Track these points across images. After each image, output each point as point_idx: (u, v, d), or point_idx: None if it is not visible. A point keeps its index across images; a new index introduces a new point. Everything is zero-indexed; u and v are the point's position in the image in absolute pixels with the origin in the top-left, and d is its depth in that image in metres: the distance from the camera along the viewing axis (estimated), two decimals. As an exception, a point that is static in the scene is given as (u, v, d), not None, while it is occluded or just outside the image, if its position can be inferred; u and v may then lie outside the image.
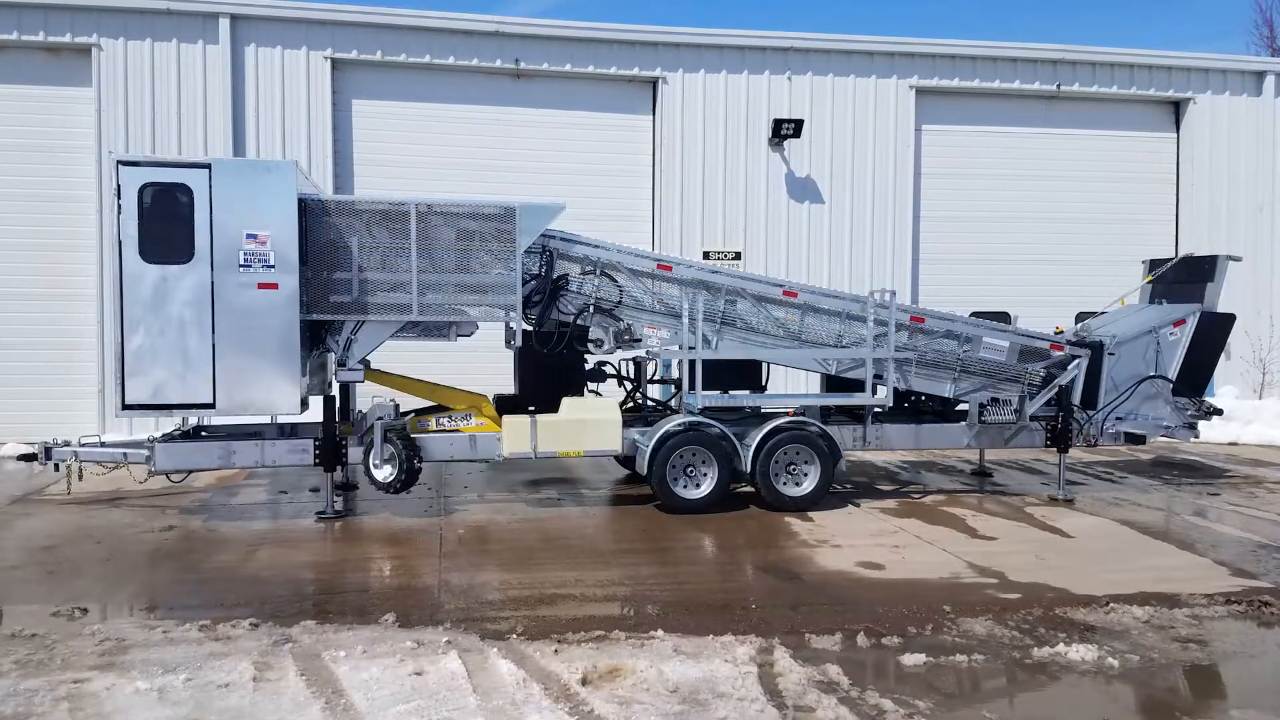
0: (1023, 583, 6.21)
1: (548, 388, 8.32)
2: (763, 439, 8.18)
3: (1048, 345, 8.89)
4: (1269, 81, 15.18)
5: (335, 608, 5.62)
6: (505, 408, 8.37)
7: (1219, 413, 9.30)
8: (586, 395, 8.71)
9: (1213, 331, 9.08)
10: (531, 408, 8.22)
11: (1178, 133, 15.30)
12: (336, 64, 12.91)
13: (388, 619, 5.35)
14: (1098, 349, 8.85)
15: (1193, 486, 9.78)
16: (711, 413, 8.41)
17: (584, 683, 4.47)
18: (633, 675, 4.55)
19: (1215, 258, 9.23)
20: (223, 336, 7.35)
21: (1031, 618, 5.48)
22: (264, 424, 8.62)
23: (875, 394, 8.56)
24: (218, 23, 12.38)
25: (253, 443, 7.85)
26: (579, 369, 8.64)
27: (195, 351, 7.32)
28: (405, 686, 4.38)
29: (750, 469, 8.16)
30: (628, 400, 9.44)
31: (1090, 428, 8.93)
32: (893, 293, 8.56)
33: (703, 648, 4.91)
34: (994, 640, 5.11)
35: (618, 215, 13.38)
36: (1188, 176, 15.15)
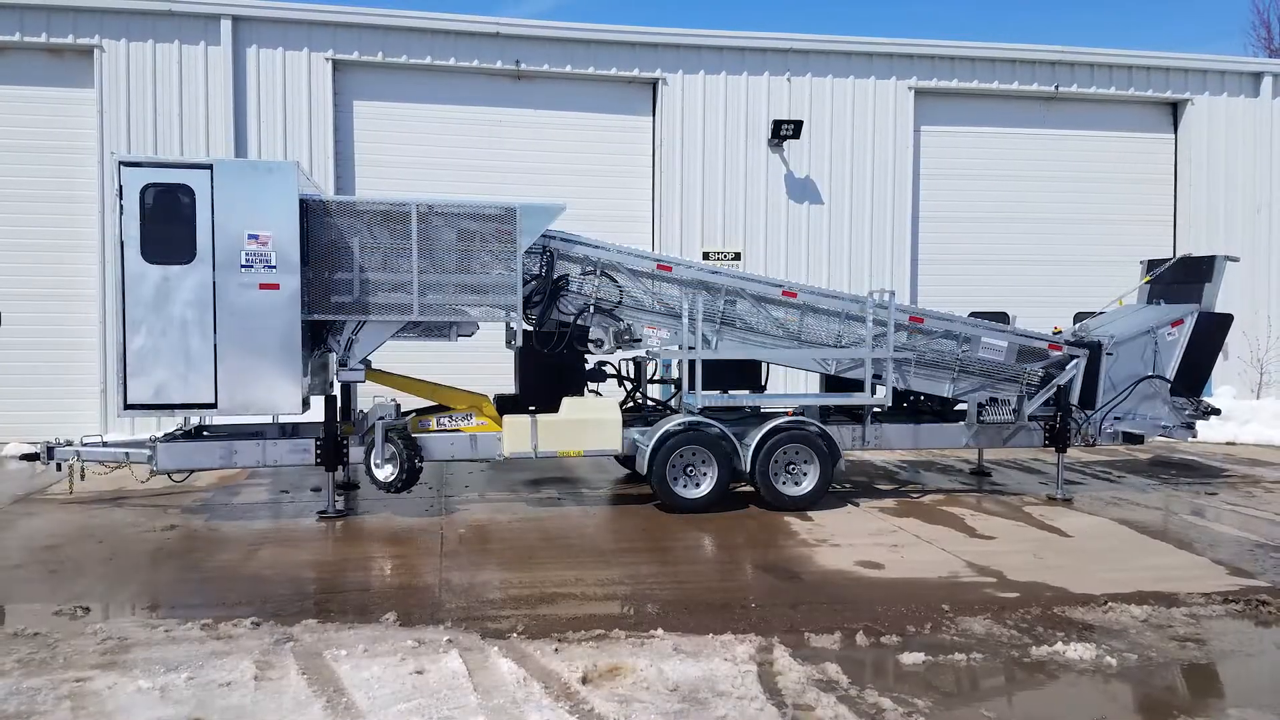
0: (1021, 582, 6.23)
1: (548, 388, 8.34)
2: (762, 439, 8.20)
3: (1046, 345, 8.91)
4: (1266, 82, 15.20)
5: (337, 607, 5.64)
6: (506, 408, 8.39)
7: (1217, 412, 9.32)
8: (587, 395, 8.73)
9: (1210, 331, 9.10)
10: (532, 407, 8.25)
11: (1175, 133, 15.33)
12: (338, 65, 12.94)
13: (389, 618, 5.36)
14: (1096, 349, 8.87)
15: (1190, 486, 9.81)
16: (711, 412, 8.44)
17: (584, 681, 4.48)
18: (633, 674, 4.56)
19: (1213, 258, 9.26)
20: (224, 337, 7.37)
21: (1030, 617, 5.49)
22: (265, 424, 8.64)
23: (874, 394, 8.59)
24: (219, 24, 12.42)
25: (254, 442, 7.88)
26: (579, 369, 8.66)
27: (197, 351, 7.34)
28: (406, 685, 4.39)
29: (750, 468, 8.18)
30: (628, 400, 9.46)
31: (1088, 427, 8.96)
32: (892, 293, 8.59)
33: (702, 646, 4.93)
34: (992, 639, 5.13)
35: (618, 216, 13.41)
36: (1185, 177, 15.18)
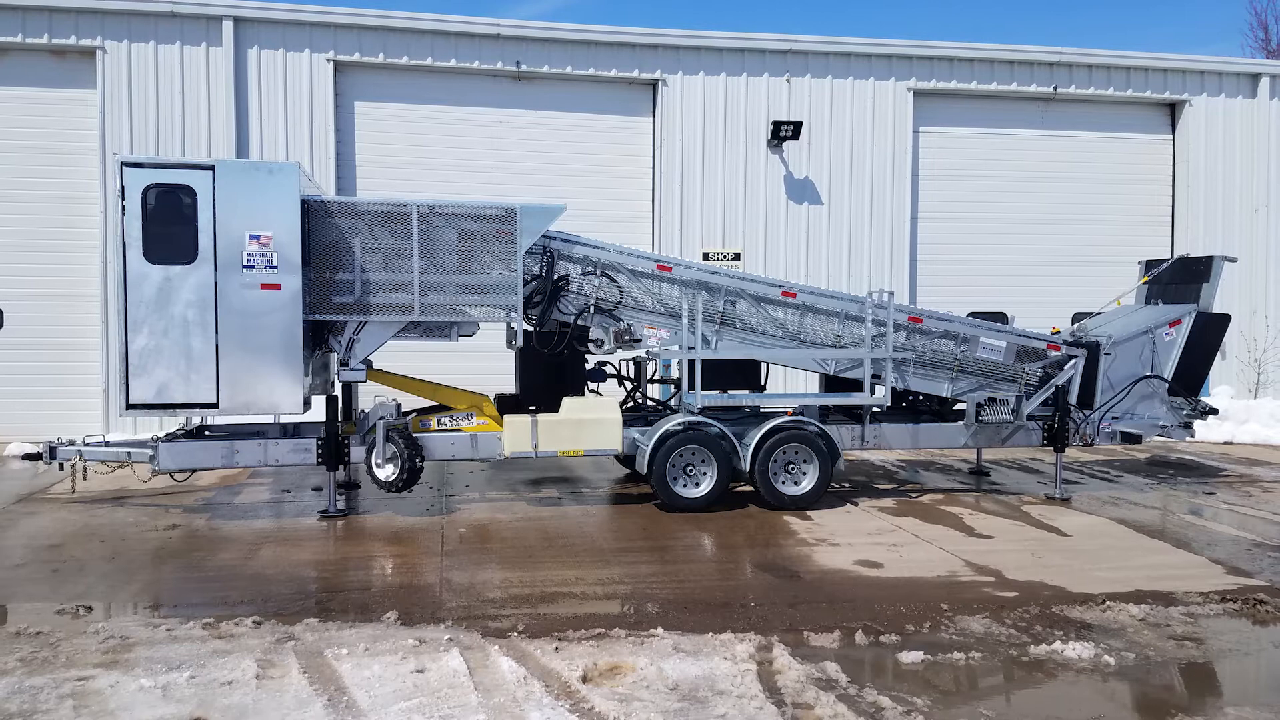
0: (1020, 581, 6.25)
1: (548, 387, 8.37)
2: (762, 438, 8.22)
3: (1044, 345, 8.94)
4: (1263, 83, 15.23)
5: (338, 606, 5.65)
6: (506, 407, 8.42)
7: (1214, 412, 9.34)
8: (587, 395, 8.75)
9: (1208, 332, 9.12)
10: (532, 407, 8.27)
11: (1173, 134, 15.36)
12: (339, 66, 12.97)
13: (390, 617, 5.38)
14: (1094, 349, 8.89)
15: (1188, 485, 9.83)
16: (711, 412, 8.46)
17: (584, 680, 4.49)
18: (633, 673, 4.57)
19: (1210, 259, 9.28)
20: (226, 336, 7.39)
21: (1028, 616, 5.51)
22: (267, 423, 8.68)
23: (873, 394, 8.61)
24: (221, 25, 12.44)
25: (256, 442, 7.89)
26: (579, 369, 8.68)
27: (199, 351, 7.35)
28: (407, 684, 4.40)
29: (749, 468, 8.20)
30: (628, 400, 9.48)
31: (1087, 427, 8.98)
32: (890, 293, 8.61)
33: (702, 645, 4.94)
34: (991, 638, 5.15)
35: (618, 216, 13.45)
36: (1183, 178, 15.21)
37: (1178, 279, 9.53)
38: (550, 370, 8.40)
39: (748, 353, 8.64)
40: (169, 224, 7.31)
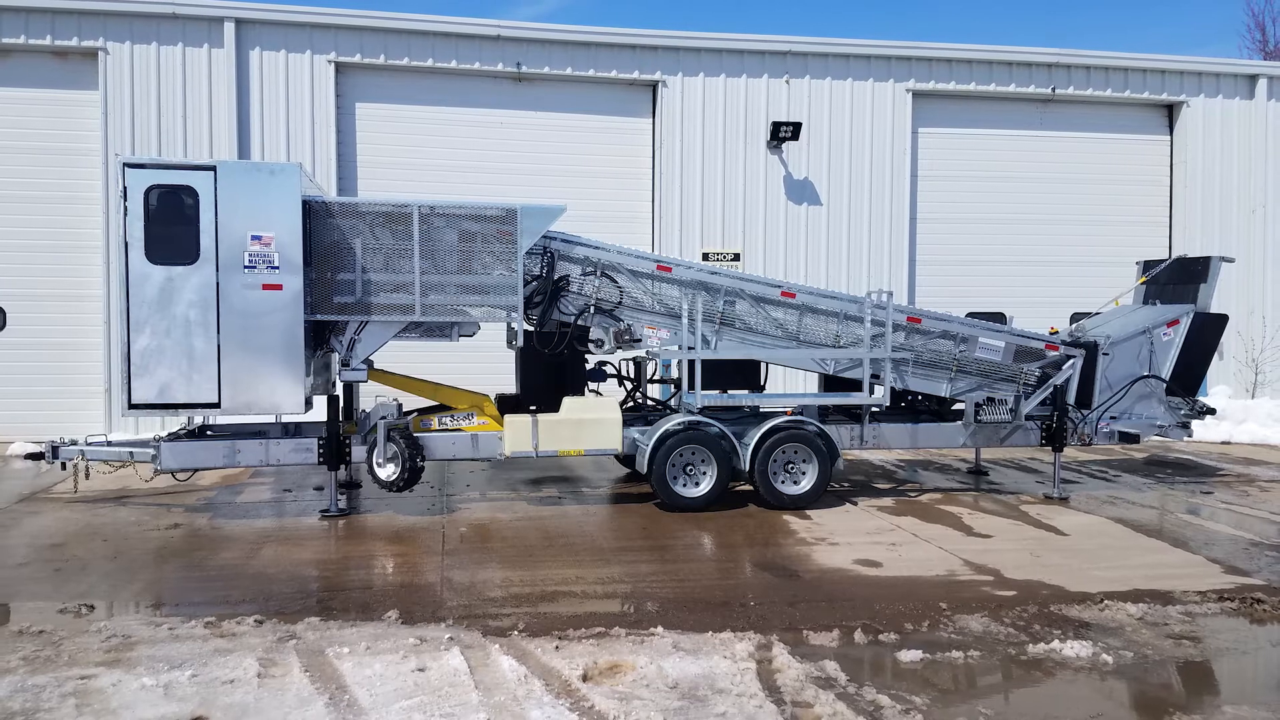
0: (1018, 580, 6.27)
1: (549, 387, 8.39)
2: (761, 438, 8.24)
3: (1043, 345, 8.96)
4: (1261, 85, 15.25)
5: (339, 605, 5.67)
6: (507, 407, 8.44)
7: (1212, 412, 9.35)
8: (587, 395, 8.77)
9: (1206, 332, 9.14)
10: (533, 407, 8.29)
11: (1171, 135, 15.38)
12: (340, 68, 13.00)
13: (391, 616, 5.40)
14: (1092, 349, 8.91)
15: (1186, 485, 9.86)
16: (710, 412, 8.48)
17: (585, 679, 4.50)
18: (633, 671, 4.59)
19: (1208, 259, 9.30)
20: (228, 337, 7.41)
21: (1027, 615, 5.53)
22: (268, 423, 8.69)
23: (872, 394, 8.63)
24: (223, 27, 12.47)
25: (257, 442, 7.91)
26: (580, 369, 8.70)
27: (200, 351, 7.37)
28: (408, 683, 4.42)
29: (749, 468, 8.22)
30: (628, 400, 9.50)
31: (1085, 427, 9.00)
32: (890, 293, 8.64)
33: (702, 644, 4.96)
34: (990, 637, 5.17)
35: (618, 217, 13.47)
36: (1181, 179, 15.24)
37: (1175, 279, 9.55)
38: (551, 370, 8.42)
39: (747, 353, 8.66)
40: (171, 224, 7.33)
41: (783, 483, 8.35)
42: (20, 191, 12.32)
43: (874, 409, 8.93)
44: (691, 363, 8.36)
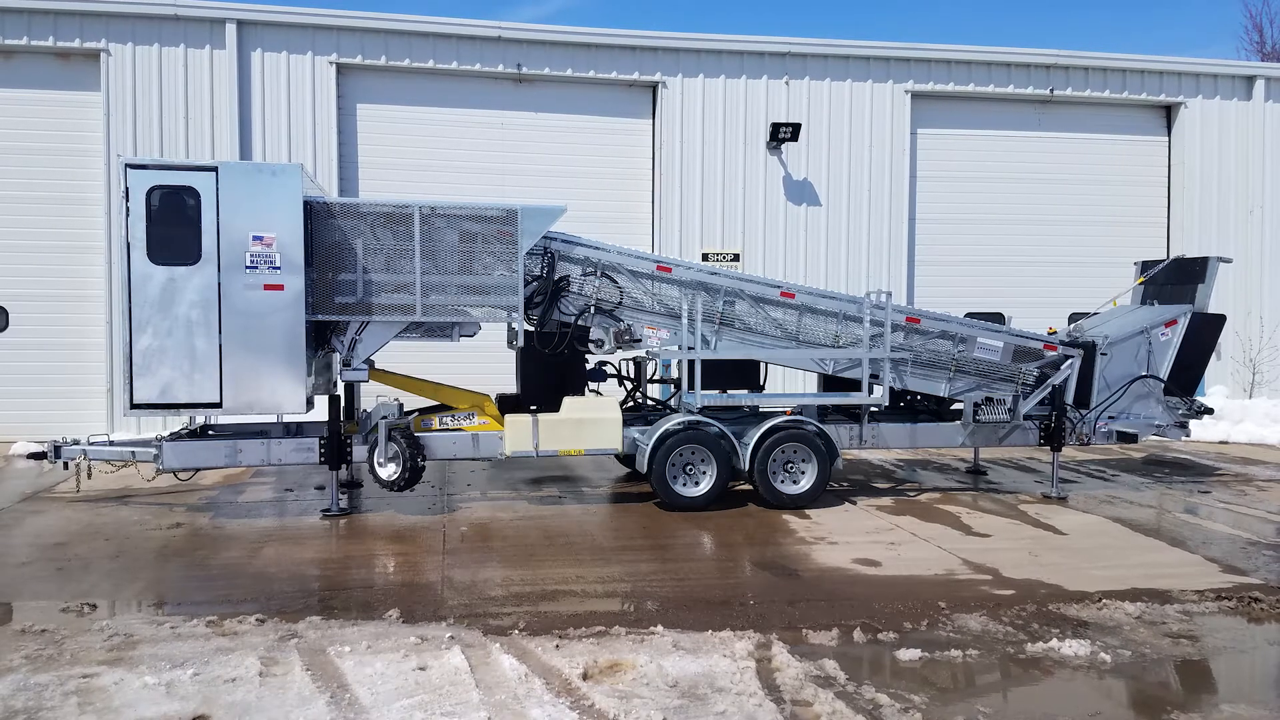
0: (1017, 579, 6.29)
1: (549, 387, 8.40)
2: (761, 438, 8.26)
3: (1041, 345, 8.99)
4: (1259, 86, 15.28)
5: (340, 604, 5.69)
6: (507, 407, 8.46)
7: (1210, 412, 9.38)
8: (587, 395, 8.77)
9: (1203, 332, 9.16)
10: (533, 407, 8.31)
11: (1169, 136, 15.40)
12: (341, 69, 13.02)
13: (392, 615, 5.41)
14: (1090, 349, 8.93)
15: (1184, 484, 9.88)
16: (710, 412, 8.51)
17: (585, 677, 4.51)
18: (633, 670, 4.60)
19: (1206, 259, 9.33)
20: (229, 337, 7.42)
21: (1025, 614, 5.54)
22: (270, 423, 8.70)
23: (871, 393, 8.65)
24: (224, 28, 12.50)
25: (259, 441, 7.93)
26: (580, 369, 8.71)
27: (202, 352, 7.39)
28: (409, 681, 4.43)
29: (748, 467, 8.24)
30: (628, 400, 9.52)
31: (1083, 426, 9.03)
32: (889, 293, 8.66)
33: (702, 643, 4.97)
34: (988, 636, 5.18)
35: (618, 217, 13.50)
36: (1179, 180, 15.26)
37: (1173, 280, 9.57)
38: (551, 370, 8.44)
39: (747, 353, 8.69)
40: (173, 225, 7.34)
41: (782, 482, 8.37)
42: (23, 192, 12.35)
43: (873, 409, 8.95)
44: (691, 363, 8.38)
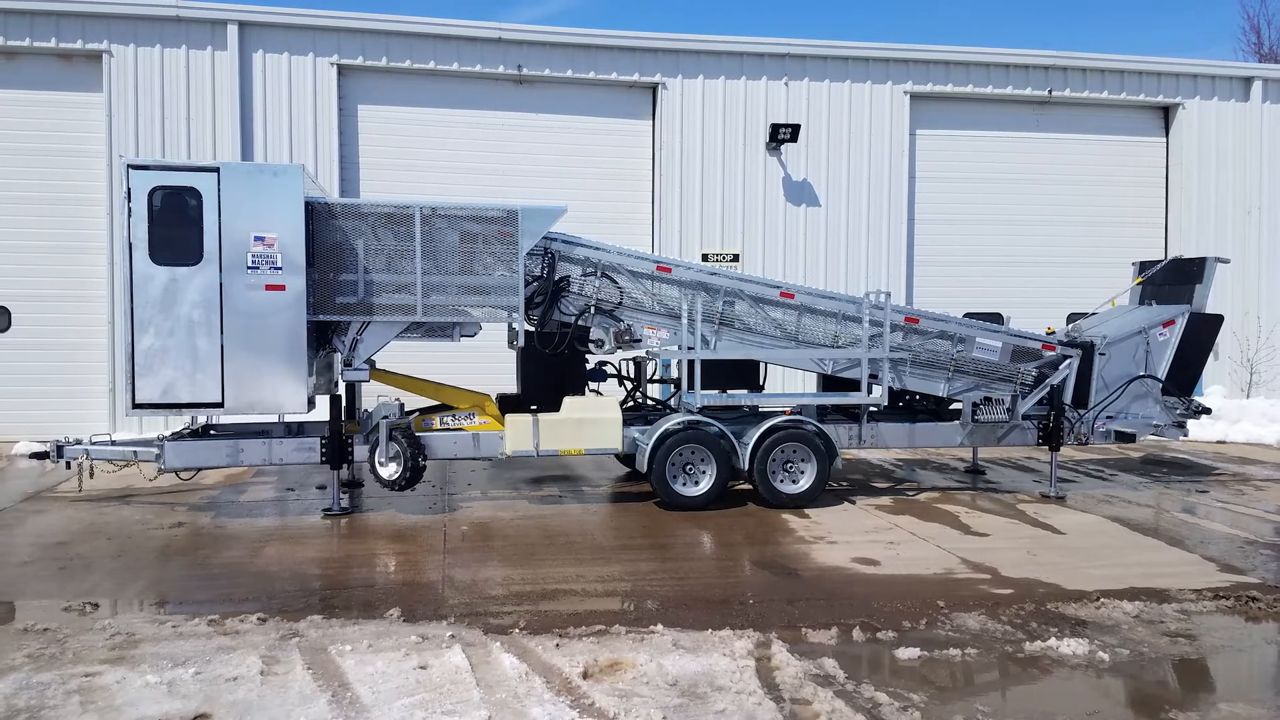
0: (1015, 578, 6.31)
1: (549, 387, 8.42)
2: (760, 437, 8.28)
3: (1039, 345, 9.01)
4: (1256, 87, 15.31)
5: (341, 603, 5.70)
6: (508, 407, 8.48)
7: (1207, 412, 9.40)
8: (587, 395, 8.79)
9: (1201, 332, 9.19)
10: (534, 407, 8.32)
11: (1167, 137, 15.43)
12: (342, 70, 13.04)
13: (393, 614, 5.42)
14: (1089, 349, 8.96)
15: (1182, 484, 9.89)
16: (710, 412, 8.53)
17: (585, 676, 4.52)
18: (633, 669, 4.61)
19: (1204, 260, 9.35)
20: (231, 337, 7.44)
21: (1024, 613, 5.56)
22: (271, 423, 8.73)
23: (871, 393, 8.67)
24: (226, 29, 12.53)
25: (260, 441, 7.95)
26: (580, 369, 8.73)
27: (204, 352, 7.41)
28: (410, 680, 4.44)
29: (748, 467, 8.26)
30: (628, 399, 9.53)
31: (1081, 426, 9.05)
32: (888, 294, 8.69)
33: (701, 642, 4.98)
34: (987, 635, 5.19)
35: (618, 218, 13.52)
36: (1177, 180, 15.29)
37: (1171, 280, 9.60)
38: (551, 370, 8.46)
39: (746, 353, 8.71)
40: (174, 225, 7.36)
41: (782, 482, 8.39)
42: (25, 193, 12.37)
43: (872, 409, 8.97)
44: (691, 363, 8.40)
